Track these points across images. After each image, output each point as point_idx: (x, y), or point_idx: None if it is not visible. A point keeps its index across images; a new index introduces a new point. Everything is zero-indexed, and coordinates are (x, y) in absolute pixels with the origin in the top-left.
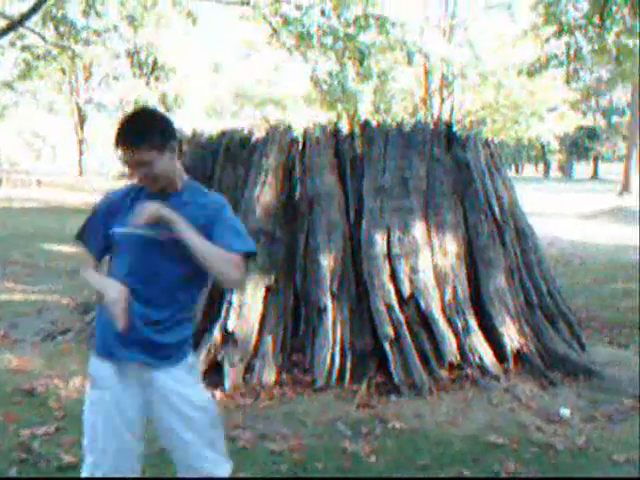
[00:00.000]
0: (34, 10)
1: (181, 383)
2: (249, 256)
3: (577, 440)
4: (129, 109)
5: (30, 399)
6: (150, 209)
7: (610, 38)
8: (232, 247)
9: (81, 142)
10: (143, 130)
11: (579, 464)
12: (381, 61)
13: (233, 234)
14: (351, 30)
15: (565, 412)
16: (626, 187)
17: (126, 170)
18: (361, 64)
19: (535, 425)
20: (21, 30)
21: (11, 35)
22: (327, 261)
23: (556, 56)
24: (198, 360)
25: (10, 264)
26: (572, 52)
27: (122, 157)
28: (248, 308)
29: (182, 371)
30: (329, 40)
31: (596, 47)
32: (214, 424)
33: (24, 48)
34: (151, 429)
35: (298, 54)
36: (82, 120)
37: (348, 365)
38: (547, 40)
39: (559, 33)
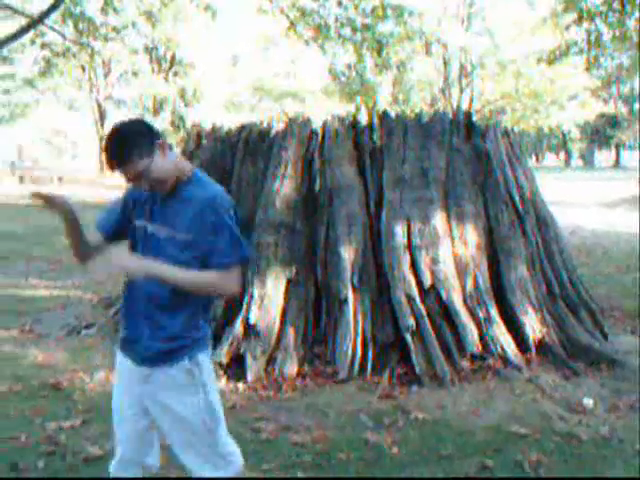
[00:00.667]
0: (53, 8)
1: (174, 389)
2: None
3: (601, 430)
4: (149, 104)
5: (56, 393)
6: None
7: (631, 24)
8: (222, 264)
9: (101, 139)
10: (124, 148)
11: (603, 454)
12: (399, 51)
13: (222, 243)
14: (368, 21)
15: (588, 402)
16: None
17: None
18: (379, 55)
19: (558, 415)
20: (41, 28)
21: (31, 33)
22: (347, 253)
23: (576, 43)
24: (215, 356)
25: (34, 260)
26: (592, 39)
27: (122, 176)
28: (270, 300)
29: (181, 374)
30: (347, 31)
31: (617, 33)
32: (206, 430)
33: (44, 45)
34: None
35: (316, 46)
36: (102, 116)
37: (370, 356)
38: (567, 27)
39: (579, 20)
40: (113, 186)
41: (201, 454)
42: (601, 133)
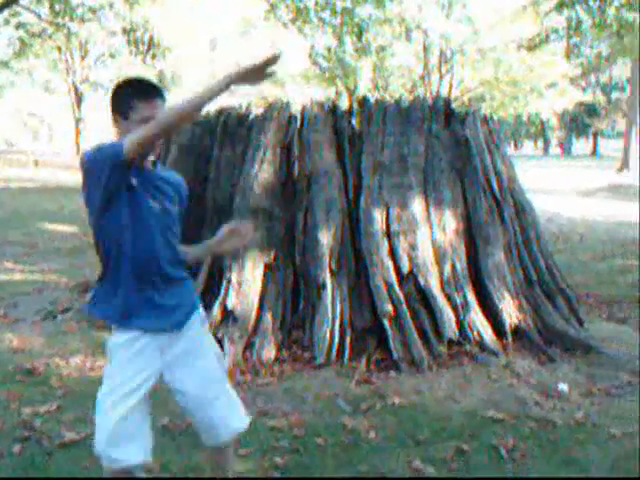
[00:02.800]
0: None
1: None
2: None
3: (575, 415)
4: None
5: (31, 378)
6: None
7: (611, 11)
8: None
9: (78, 121)
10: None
11: (577, 439)
12: (379, 36)
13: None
14: (348, 4)
15: (563, 387)
16: (625, 164)
17: None
18: (359, 39)
19: (534, 400)
20: (16, 8)
21: (5, 13)
22: (326, 238)
23: (556, 30)
24: None
25: (9, 244)
26: (573, 25)
27: (151, 111)
28: (247, 285)
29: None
30: (326, 14)
31: (597, 21)
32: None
33: (19, 26)
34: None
35: (295, 30)
36: (79, 99)
37: (347, 342)
38: (548, 13)
39: (560, 6)
40: None
41: (231, 396)
42: (579, 121)
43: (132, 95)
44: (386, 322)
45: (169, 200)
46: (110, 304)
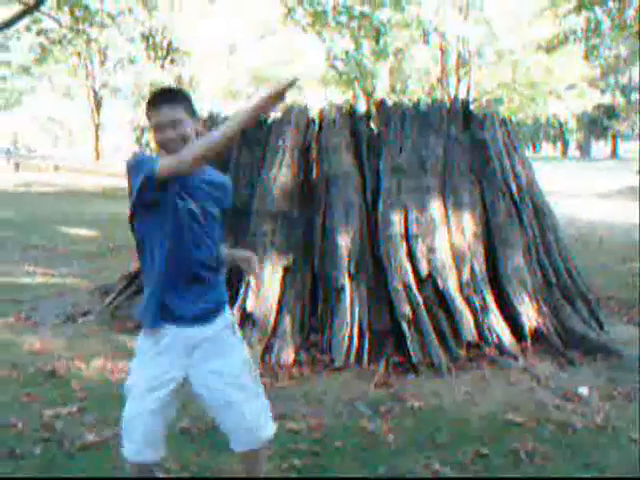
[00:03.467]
0: None
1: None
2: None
3: (596, 419)
4: (145, 93)
5: (52, 380)
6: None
7: (630, 12)
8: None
9: (97, 126)
10: (179, 94)
11: (597, 442)
12: (397, 39)
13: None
14: (366, 8)
15: (584, 391)
16: None
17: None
18: (377, 42)
19: (553, 404)
20: (36, 14)
21: (27, 19)
22: (344, 241)
23: (575, 32)
24: None
25: (30, 248)
26: (592, 27)
27: (157, 118)
28: (266, 288)
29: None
30: (344, 18)
31: (616, 22)
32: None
33: (40, 32)
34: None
35: (313, 33)
36: (98, 104)
37: (366, 345)
38: (566, 15)
39: (578, 8)
40: (110, 174)
41: (262, 401)
42: (598, 124)
43: (147, 105)
44: (405, 325)
45: (211, 201)
46: (144, 304)
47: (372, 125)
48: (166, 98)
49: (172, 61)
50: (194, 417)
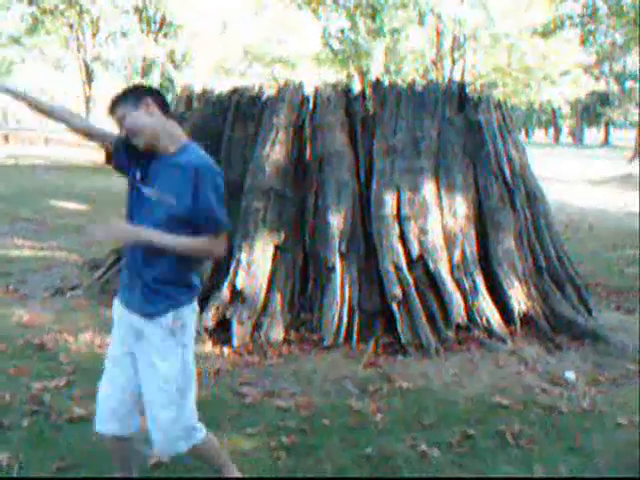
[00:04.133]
0: None
1: (156, 344)
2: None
3: (582, 403)
4: (137, 66)
5: (40, 353)
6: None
7: None
8: (207, 229)
9: (88, 100)
10: (120, 94)
11: (583, 426)
12: (393, 18)
13: (210, 212)
14: None
15: (570, 375)
16: (637, 153)
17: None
18: (373, 20)
19: (540, 387)
20: None
21: None
22: (336, 220)
23: (571, 17)
24: (200, 319)
25: (19, 221)
26: (590, 12)
27: (114, 121)
28: (257, 266)
29: (163, 330)
30: None
31: (613, 8)
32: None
33: (31, 2)
34: None
35: (309, 11)
36: (89, 77)
37: (356, 324)
38: (563, 0)
39: None
40: (100, 148)
41: (170, 414)
42: (591, 110)
43: None
44: (395, 306)
45: (167, 186)
46: None
47: (367, 105)
48: (111, 103)
49: (165, 35)
50: None
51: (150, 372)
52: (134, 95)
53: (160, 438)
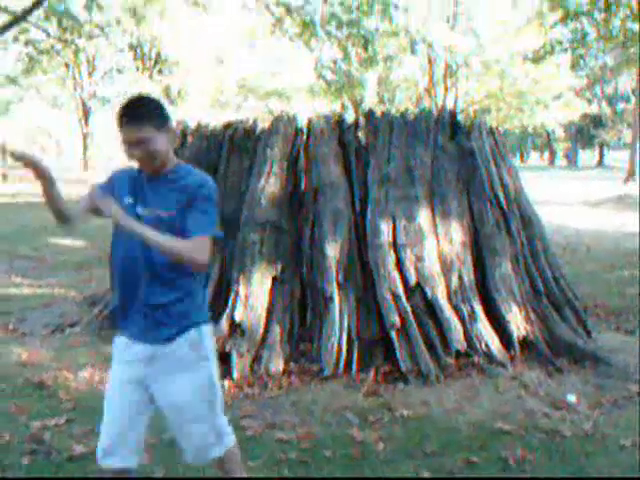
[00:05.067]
0: (37, 4)
1: (180, 364)
2: (213, 237)
3: (584, 426)
4: None
5: (40, 391)
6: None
7: (616, 23)
8: (192, 232)
9: (85, 136)
10: (145, 110)
11: (586, 450)
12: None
13: (198, 217)
14: (354, 16)
15: (572, 398)
16: (631, 174)
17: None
18: (365, 50)
19: (542, 412)
20: (24, 25)
21: (14, 30)
22: (333, 251)
23: (561, 42)
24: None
25: (17, 259)
26: (578, 37)
27: (124, 136)
28: (255, 298)
29: (186, 348)
30: (332, 27)
31: (602, 33)
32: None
33: (27, 42)
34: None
35: (301, 43)
36: (86, 114)
37: (355, 354)
38: (553, 26)
39: (565, 18)
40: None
41: (202, 428)
42: (585, 133)
43: (116, 121)
44: (393, 334)
45: (165, 206)
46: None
47: (360, 135)
48: (132, 116)
49: (160, 71)
50: None
51: (176, 390)
52: (161, 116)
53: (193, 450)
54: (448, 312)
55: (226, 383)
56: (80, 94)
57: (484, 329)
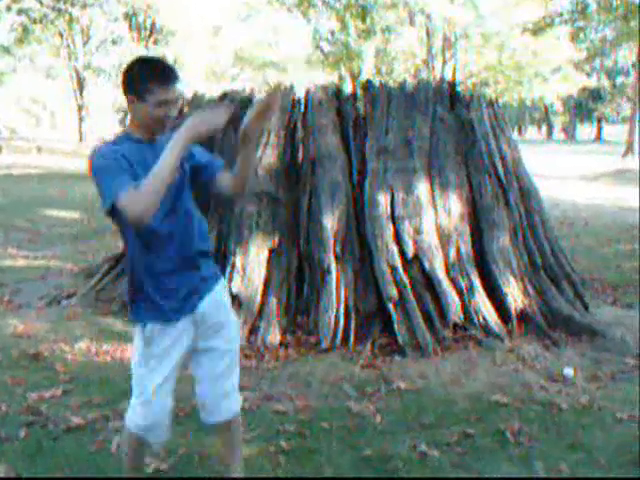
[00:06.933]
0: None
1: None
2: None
3: (581, 399)
4: None
5: (36, 363)
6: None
7: None
8: (219, 165)
9: (80, 108)
10: (176, 71)
11: (583, 423)
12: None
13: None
14: None
15: (569, 371)
16: (630, 149)
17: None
18: (363, 21)
19: (539, 384)
20: None
21: None
22: (330, 223)
23: (561, 14)
24: None
25: (13, 231)
26: (578, 9)
27: (169, 95)
28: (252, 270)
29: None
30: None
31: (602, 4)
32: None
33: (20, 12)
34: None
35: (299, 14)
36: (81, 85)
37: (352, 326)
38: None
39: None
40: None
41: (234, 379)
42: (583, 107)
43: (150, 77)
44: (391, 306)
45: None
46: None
47: (358, 106)
48: (176, 75)
49: (156, 41)
50: (179, 399)
51: (232, 341)
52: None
53: (222, 402)
54: (446, 285)
55: None
56: (74, 64)
57: (482, 302)
